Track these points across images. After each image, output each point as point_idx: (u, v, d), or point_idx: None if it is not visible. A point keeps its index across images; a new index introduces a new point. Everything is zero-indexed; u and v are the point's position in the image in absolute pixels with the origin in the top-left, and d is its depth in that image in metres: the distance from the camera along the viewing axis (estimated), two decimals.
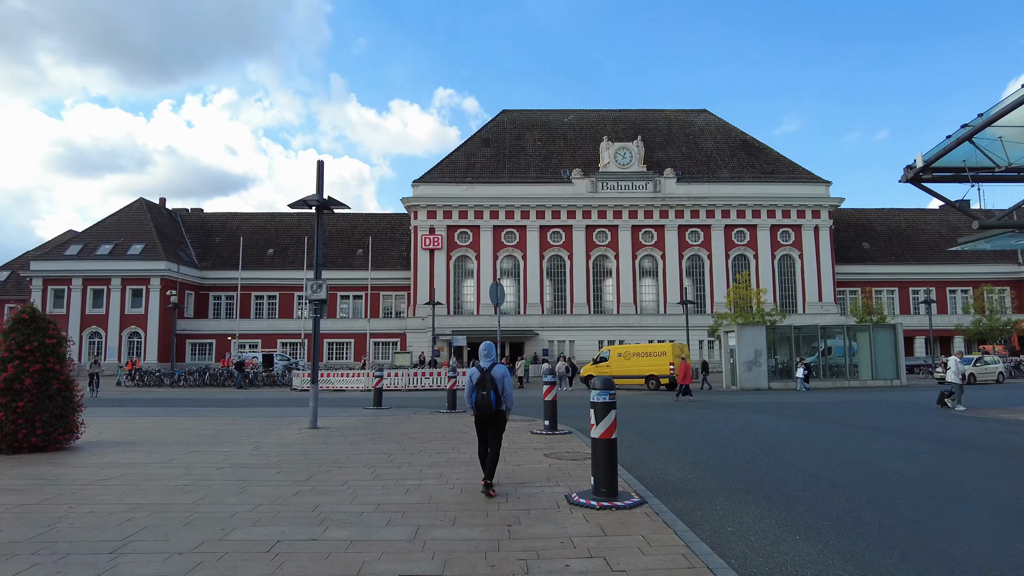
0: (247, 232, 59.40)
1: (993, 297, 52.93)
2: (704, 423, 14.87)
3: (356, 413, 17.86)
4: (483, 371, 7.04)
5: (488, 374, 7.00)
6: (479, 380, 6.98)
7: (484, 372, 7.02)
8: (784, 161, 57.55)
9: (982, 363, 35.62)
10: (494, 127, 59.29)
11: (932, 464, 9.04)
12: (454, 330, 47.45)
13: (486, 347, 7.28)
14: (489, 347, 7.28)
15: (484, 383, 6.95)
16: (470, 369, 7.45)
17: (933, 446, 10.74)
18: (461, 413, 17.13)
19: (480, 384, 6.96)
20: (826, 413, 17.37)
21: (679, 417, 16.31)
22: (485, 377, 6.97)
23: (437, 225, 52.20)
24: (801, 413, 17.42)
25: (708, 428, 13.82)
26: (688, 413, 17.57)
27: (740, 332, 33.07)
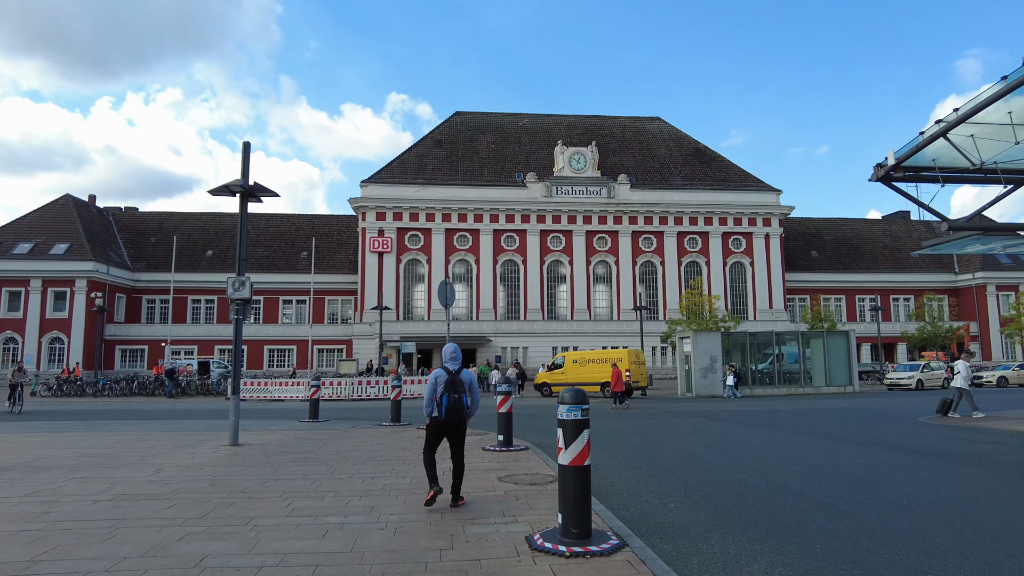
0: (184, 233, 56.25)
1: (933, 305, 54.26)
2: (670, 435, 13.75)
3: (289, 426, 16.11)
4: (452, 373, 6.61)
5: (457, 377, 6.62)
6: (448, 382, 6.54)
7: (453, 375, 6.61)
8: (736, 169, 57.91)
9: (928, 369, 36.01)
10: (447, 128, 57.83)
11: (931, 481, 8.06)
12: (403, 336, 45.64)
13: (453, 350, 6.81)
14: (455, 350, 6.82)
15: (456, 386, 6.56)
16: (435, 371, 6.78)
17: (928, 462, 9.83)
18: (405, 426, 15.59)
19: (451, 387, 6.54)
20: (793, 423, 16.54)
21: (642, 428, 15.18)
22: (456, 380, 6.58)
23: (386, 227, 50.33)
24: (767, 422, 16.54)
25: (676, 442, 12.69)
26: (650, 424, 16.47)
27: (695, 338, 32.46)
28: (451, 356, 6.79)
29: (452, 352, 6.82)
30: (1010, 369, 38.12)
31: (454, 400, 6.50)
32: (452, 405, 6.49)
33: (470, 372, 6.86)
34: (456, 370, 6.68)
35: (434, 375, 6.71)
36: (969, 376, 17.70)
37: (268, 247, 55.61)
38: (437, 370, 6.74)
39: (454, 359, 6.77)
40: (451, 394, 6.51)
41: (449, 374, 6.62)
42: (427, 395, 6.60)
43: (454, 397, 6.51)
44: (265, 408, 25.73)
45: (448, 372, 6.65)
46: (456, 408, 6.51)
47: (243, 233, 12.78)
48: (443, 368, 6.74)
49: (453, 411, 6.50)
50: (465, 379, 6.70)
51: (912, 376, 34.99)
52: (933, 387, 35.62)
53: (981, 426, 15.09)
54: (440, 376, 6.64)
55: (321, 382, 31.30)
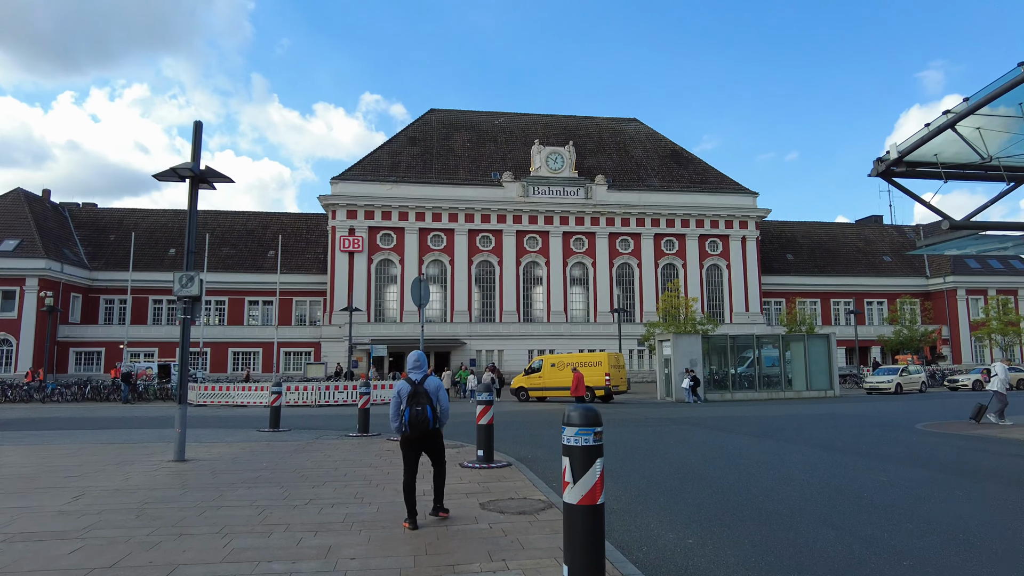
0: (146, 230, 53.94)
1: (907, 308, 54.50)
2: (662, 447, 12.72)
3: (246, 437, 14.72)
4: (415, 384, 6.20)
5: (421, 387, 6.18)
6: (411, 394, 6.14)
7: (416, 385, 6.19)
8: (712, 172, 57.56)
9: (907, 373, 35.72)
10: (421, 126, 56.45)
11: (972, 504, 7.11)
12: (374, 339, 44.14)
13: (416, 357, 6.45)
14: (420, 357, 6.47)
15: (418, 397, 6.12)
16: (397, 383, 6.46)
17: (956, 479, 8.91)
18: (374, 437, 14.32)
19: (413, 399, 6.11)
20: (787, 430, 15.65)
21: (630, 438, 14.13)
22: (419, 391, 6.15)
23: (358, 226, 48.74)
24: (759, 430, 15.63)
25: (671, 454, 11.65)
26: (638, 433, 15.44)
27: (676, 341, 31.65)
28: (414, 364, 6.41)
29: (416, 360, 6.44)
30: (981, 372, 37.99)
31: (417, 413, 6.06)
32: (415, 419, 6.06)
33: (436, 379, 6.39)
34: (419, 379, 6.25)
35: (397, 387, 6.29)
36: (1007, 379, 16.75)
37: (234, 245, 53.61)
38: (400, 381, 6.35)
39: (418, 367, 6.39)
40: (413, 407, 6.08)
41: (412, 385, 6.19)
42: (392, 409, 6.25)
43: (416, 410, 6.07)
44: (225, 415, 24.16)
45: (411, 383, 6.22)
46: (420, 421, 6.07)
47: (192, 222, 11.44)
48: (406, 379, 6.32)
49: (417, 425, 6.07)
50: (430, 388, 6.23)
51: (891, 380, 34.63)
52: (911, 391, 35.39)
53: (990, 435, 14.33)
54: (403, 388, 6.22)
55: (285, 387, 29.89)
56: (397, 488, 7.97)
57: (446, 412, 6.38)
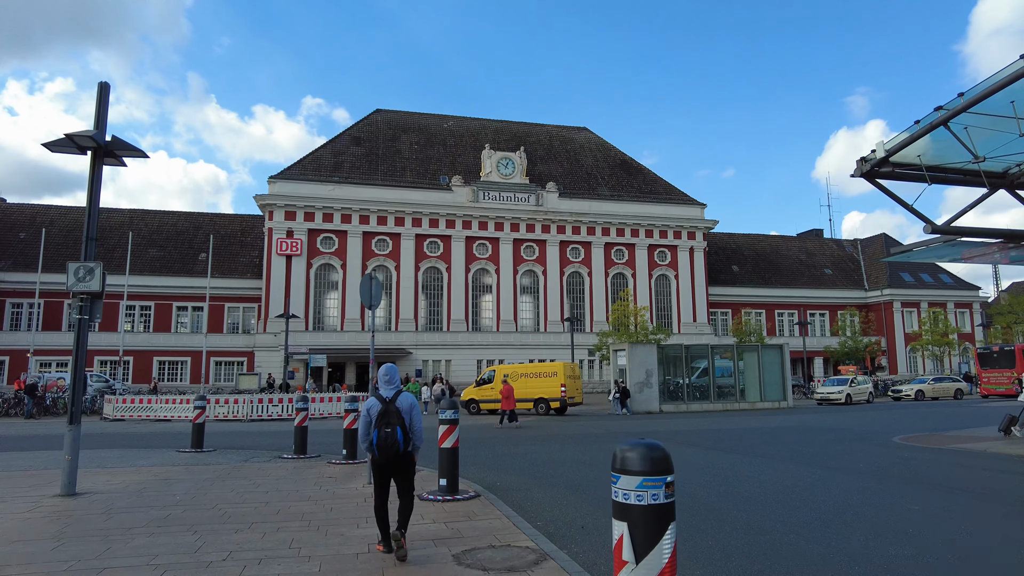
0: (62, 229, 49.75)
1: (847, 320, 55.67)
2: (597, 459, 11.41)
3: (162, 460, 12.64)
4: (385, 402, 5.63)
5: (392, 405, 5.60)
6: (381, 413, 5.56)
7: (387, 403, 5.61)
8: (661, 182, 57.54)
9: (856, 383, 35.92)
10: (366, 126, 54.28)
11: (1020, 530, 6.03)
12: (312, 348, 41.63)
13: (388, 371, 5.82)
14: (391, 371, 5.81)
15: (388, 417, 5.53)
16: (367, 400, 5.80)
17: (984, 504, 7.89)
18: (313, 460, 12.50)
19: (383, 419, 5.52)
20: (764, 446, 14.64)
21: (602, 457, 12.78)
22: (389, 410, 5.57)
23: (296, 228, 46.12)
24: (734, 446, 14.57)
25: None
26: (607, 449, 14.14)
27: (631, 351, 30.73)
28: (385, 379, 5.76)
29: (386, 374, 5.79)
30: (925, 383, 38.76)
31: (386, 436, 5.45)
32: (384, 442, 5.45)
33: (410, 396, 5.75)
34: (391, 397, 5.64)
35: (366, 405, 5.69)
36: None
37: (162, 247, 50.00)
38: (370, 398, 5.73)
39: (389, 383, 5.74)
40: (382, 428, 5.47)
41: (382, 403, 5.59)
42: (361, 428, 5.67)
43: (386, 432, 5.45)
44: (143, 432, 21.62)
45: (381, 400, 5.61)
46: (389, 445, 5.45)
47: (95, 203, 9.48)
48: (375, 395, 5.71)
49: (386, 449, 5.46)
50: (403, 406, 5.62)
51: (841, 391, 34.73)
52: (860, 401, 35.58)
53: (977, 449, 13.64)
54: (372, 406, 5.62)
55: (214, 400, 27.37)
56: (344, 533, 6.34)
57: (419, 434, 5.72)
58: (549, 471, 11.02)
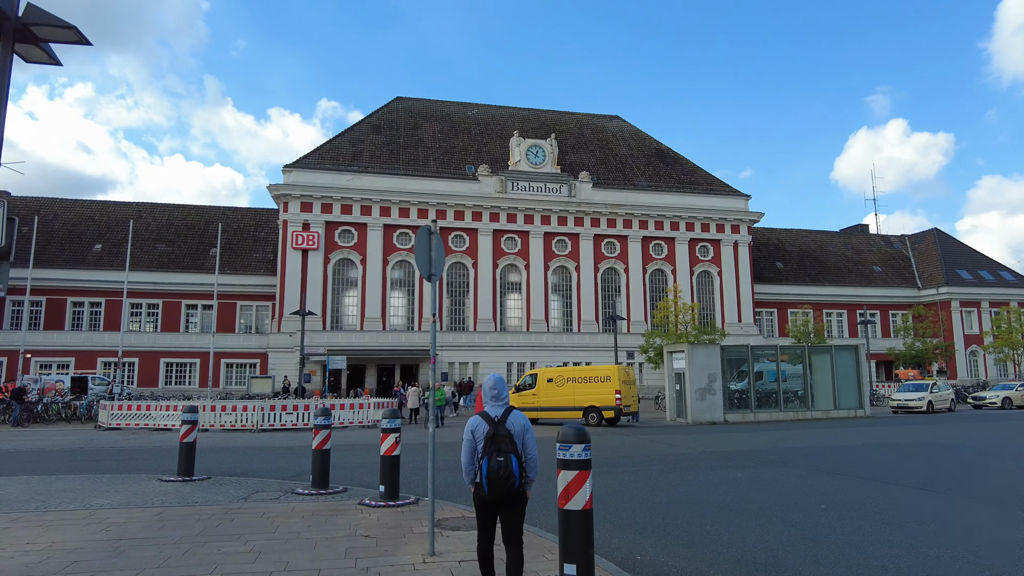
0: (67, 223, 47.15)
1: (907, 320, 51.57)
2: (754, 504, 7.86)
3: (132, 495, 9.27)
4: (494, 423, 4.48)
5: (503, 427, 4.45)
6: (490, 437, 4.42)
7: (496, 424, 4.47)
8: (701, 172, 53.79)
9: (937, 389, 31.95)
10: (386, 114, 51.07)
11: None
12: (330, 349, 38.38)
13: (495, 383, 4.66)
14: (499, 383, 4.66)
15: (499, 442, 4.40)
16: (471, 421, 4.59)
17: None
18: (338, 497, 9.05)
19: (492, 445, 4.39)
20: (909, 471, 10.98)
21: (751, 496, 9.21)
22: (499, 433, 4.42)
23: (313, 220, 42.94)
24: (856, 468, 10.93)
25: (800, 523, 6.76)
26: (731, 479, 10.55)
27: (691, 353, 27.04)
28: (492, 393, 4.61)
29: (494, 387, 4.64)
30: (1012, 389, 34.60)
31: (498, 467, 4.31)
32: (496, 475, 4.31)
33: (522, 416, 4.57)
34: (500, 416, 4.51)
35: (470, 426, 4.59)
36: None
37: (171, 242, 47.09)
38: (472, 418, 4.63)
39: (497, 398, 4.59)
40: (493, 457, 4.34)
41: (491, 424, 4.47)
42: (465, 455, 4.56)
43: (498, 461, 4.32)
44: (133, 446, 18.32)
45: (489, 420, 4.49)
46: (504, 478, 4.30)
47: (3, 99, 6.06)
48: (481, 414, 4.59)
49: (498, 483, 4.31)
50: (515, 428, 4.50)
51: (922, 398, 30.80)
52: (942, 410, 31.65)
53: None
54: (478, 427, 4.52)
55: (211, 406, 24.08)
56: None
57: (534, 463, 4.54)
58: (700, 528, 7.48)
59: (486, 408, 4.65)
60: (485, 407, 4.69)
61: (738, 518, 7.84)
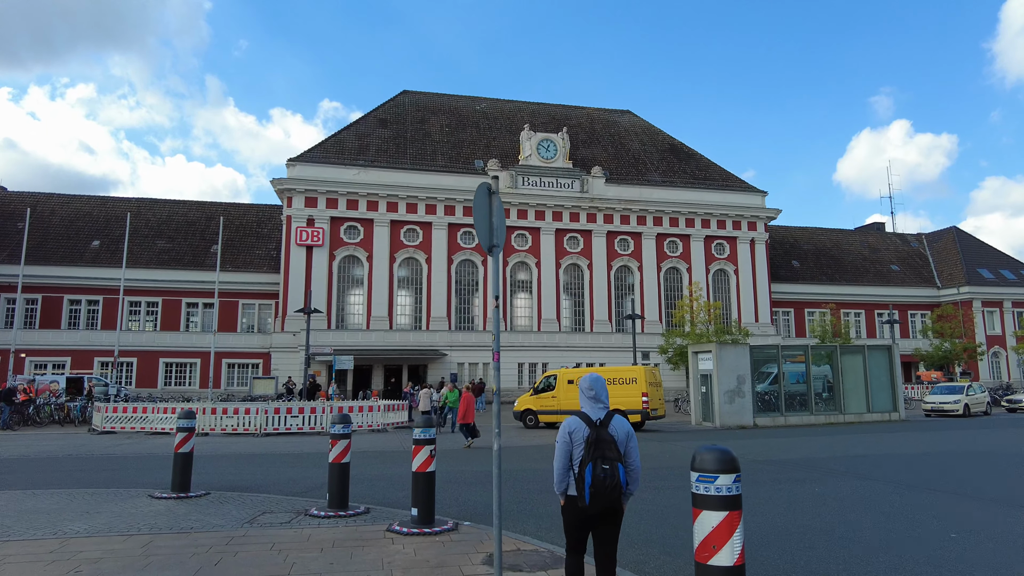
0: (64, 219, 45.75)
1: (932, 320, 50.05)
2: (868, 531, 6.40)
3: (116, 516, 7.81)
4: (596, 426, 4.01)
5: (605, 432, 4.00)
6: (592, 441, 3.95)
7: (598, 428, 4.00)
8: (716, 168, 52.31)
9: (972, 392, 30.47)
10: (393, 108, 49.66)
11: None
12: (336, 349, 36.93)
13: (592, 383, 4.18)
14: (595, 383, 4.18)
15: (603, 448, 3.93)
16: (568, 421, 4.12)
17: None
18: (360, 520, 7.58)
19: (595, 450, 3.92)
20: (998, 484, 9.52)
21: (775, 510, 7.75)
22: (602, 438, 3.97)
23: (317, 215, 41.49)
24: (942, 482, 9.46)
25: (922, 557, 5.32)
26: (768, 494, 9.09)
27: (720, 353, 25.55)
28: (591, 395, 4.16)
29: (591, 387, 4.17)
30: None
31: (603, 474, 3.86)
32: (601, 483, 3.86)
33: (624, 420, 4.14)
34: (601, 419, 4.04)
35: (566, 427, 4.08)
36: None
37: (171, 239, 45.65)
38: (569, 419, 4.12)
39: (596, 399, 4.14)
40: (599, 464, 3.88)
41: (592, 427, 4.01)
42: (559, 462, 4.07)
43: (603, 469, 3.87)
44: (127, 452, 16.87)
45: (590, 423, 4.02)
46: (609, 488, 3.86)
47: None
48: (579, 415, 4.12)
49: (603, 493, 3.87)
50: (618, 434, 4.03)
51: (958, 400, 29.30)
52: (978, 413, 30.17)
53: None
54: (577, 430, 4.05)
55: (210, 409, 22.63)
56: None
57: (637, 474, 4.12)
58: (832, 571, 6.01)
59: (584, 409, 4.17)
60: (583, 408, 4.20)
61: (873, 555, 6.36)
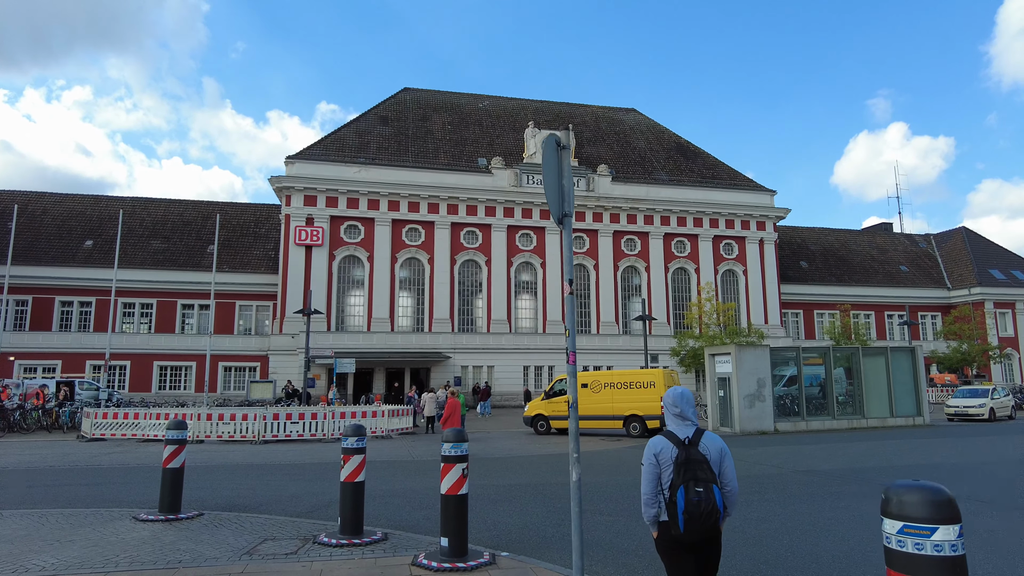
0: (57, 218, 44.59)
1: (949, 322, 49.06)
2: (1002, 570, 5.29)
3: (91, 547, 6.65)
4: (684, 445, 3.50)
5: (696, 451, 3.48)
6: (681, 463, 3.43)
7: (687, 448, 3.49)
8: (723, 167, 51.31)
9: (997, 395, 29.40)
10: (394, 105, 48.57)
11: None
12: (337, 351, 35.76)
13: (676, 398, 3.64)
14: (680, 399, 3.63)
15: (695, 469, 3.40)
16: (653, 442, 3.59)
17: None
18: (376, 547, 6.43)
19: (687, 472, 3.39)
20: None
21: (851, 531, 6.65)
22: (693, 457, 3.45)
23: (317, 214, 40.35)
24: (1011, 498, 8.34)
25: None
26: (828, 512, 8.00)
27: (739, 356, 24.43)
28: (675, 412, 3.64)
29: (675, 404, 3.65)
30: None
31: (698, 498, 3.34)
32: (696, 509, 3.33)
33: (717, 438, 3.60)
34: (689, 438, 3.52)
35: (652, 448, 3.55)
36: None
37: (167, 239, 44.49)
38: (655, 440, 3.60)
39: (681, 416, 3.61)
40: (692, 487, 3.37)
41: (681, 447, 3.48)
42: (647, 487, 3.52)
43: (697, 492, 3.35)
44: (114, 463, 15.69)
45: (678, 443, 3.50)
46: (707, 514, 3.32)
47: None
48: (665, 434, 3.61)
49: (700, 519, 3.33)
50: (710, 452, 3.52)
51: (983, 404, 28.23)
52: (1003, 417, 29.10)
53: None
54: (664, 450, 3.52)
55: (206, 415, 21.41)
56: None
57: (734, 495, 3.56)
58: None
59: (670, 428, 3.69)
60: (669, 427, 3.72)
61: None
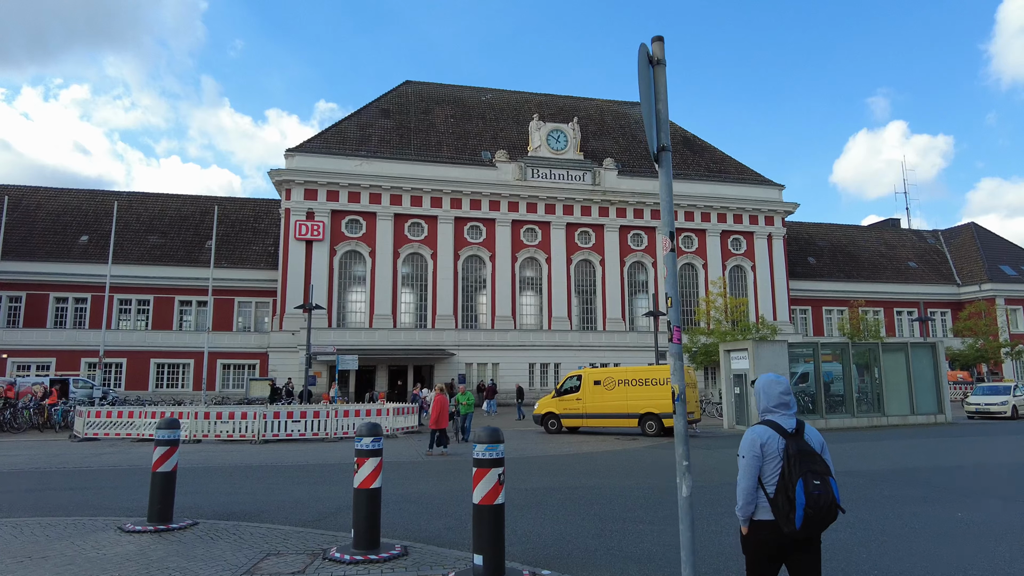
0: (51, 213, 43.62)
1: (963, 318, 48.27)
2: None
3: (75, 558, 5.76)
4: (791, 436, 3.23)
5: (804, 442, 3.22)
6: (794, 454, 3.15)
7: (794, 438, 3.21)
8: (731, 161, 50.44)
9: (1019, 392, 28.55)
10: (396, 98, 47.64)
11: None
12: (339, 348, 34.89)
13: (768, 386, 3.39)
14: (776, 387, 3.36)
15: (808, 461, 3.13)
16: (754, 432, 3.30)
17: None
18: (402, 572, 5.54)
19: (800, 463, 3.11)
20: None
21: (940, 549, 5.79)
22: (804, 449, 3.18)
23: (317, 209, 39.43)
24: None
25: None
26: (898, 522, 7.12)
27: (756, 351, 23.61)
28: (780, 400, 3.32)
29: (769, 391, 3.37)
30: None
31: (817, 491, 3.06)
32: (816, 502, 3.05)
33: (816, 432, 3.35)
34: (795, 428, 3.25)
35: (757, 439, 3.26)
36: None
37: (164, 234, 43.56)
38: (756, 429, 3.31)
39: (786, 405, 3.33)
40: (810, 479, 3.08)
41: (787, 438, 3.21)
42: (747, 482, 3.24)
43: (815, 485, 3.08)
44: (107, 464, 14.81)
45: (784, 433, 3.23)
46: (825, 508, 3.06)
47: None
48: (767, 423, 3.31)
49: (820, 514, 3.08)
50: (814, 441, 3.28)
51: (1005, 402, 27.41)
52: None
53: None
54: (769, 441, 3.23)
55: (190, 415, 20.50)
56: None
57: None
58: None
59: (771, 418, 3.30)
60: (769, 416, 3.32)
61: None
